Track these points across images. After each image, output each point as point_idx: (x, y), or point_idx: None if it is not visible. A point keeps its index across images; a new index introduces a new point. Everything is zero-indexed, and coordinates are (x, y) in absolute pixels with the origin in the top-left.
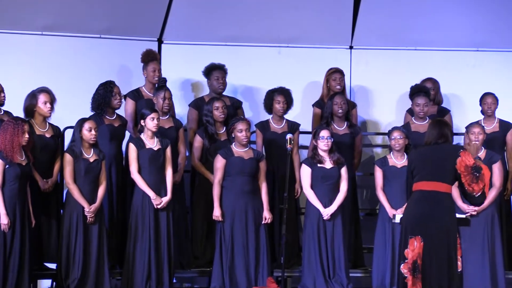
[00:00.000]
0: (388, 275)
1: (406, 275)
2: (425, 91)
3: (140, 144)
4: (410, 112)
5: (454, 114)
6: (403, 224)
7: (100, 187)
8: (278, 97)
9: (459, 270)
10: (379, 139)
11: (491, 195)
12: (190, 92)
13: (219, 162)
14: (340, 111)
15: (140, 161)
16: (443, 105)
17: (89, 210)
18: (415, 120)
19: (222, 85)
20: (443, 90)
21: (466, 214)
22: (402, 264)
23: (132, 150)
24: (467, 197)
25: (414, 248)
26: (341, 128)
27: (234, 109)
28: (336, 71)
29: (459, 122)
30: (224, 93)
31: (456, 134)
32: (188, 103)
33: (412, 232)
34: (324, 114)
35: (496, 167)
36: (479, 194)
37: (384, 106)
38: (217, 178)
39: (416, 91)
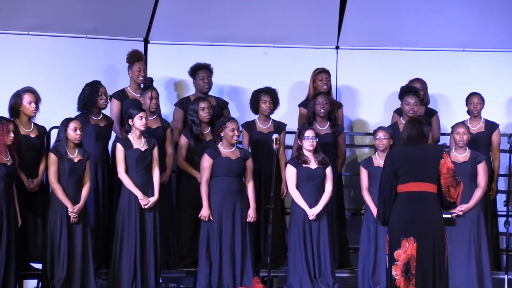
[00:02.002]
0: (373, 274)
1: (396, 277)
2: (415, 91)
3: (127, 144)
4: (398, 112)
5: (440, 114)
6: (393, 225)
7: (84, 187)
8: (264, 97)
9: (446, 270)
10: (367, 140)
11: (477, 195)
12: (175, 92)
13: (206, 162)
14: (322, 111)
15: (128, 161)
16: (430, 105)
17: (72, 210)
18: (403, 120)
19: (208, 84)
20: (429, 90)
21: (452, 214)
22: (393, 266)
23: (120, 150)
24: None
25: (406, 249)
26: (323, 128)
27: (220, 109)
28: (323, 71)
29: (445, 122)
30: (210, 93)
31: (443, 134)
32: (174, 103)
33: (404, 234)
34: (307, 114)
35: (481, 167)
36: (452, 200)
37: (371, 106)
38: (204, 177)
39: (407, 90)
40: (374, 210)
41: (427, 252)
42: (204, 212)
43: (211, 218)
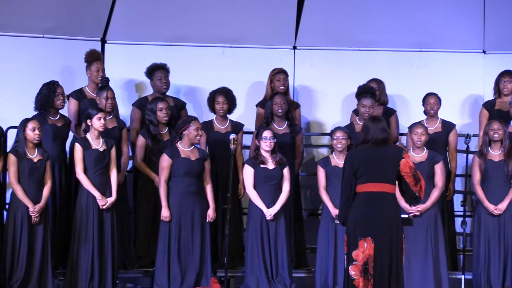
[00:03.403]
0: (331, 275)
1: (354, 277)
2: (372, 92)
3: (85, 145)
4: (356, 112)
5: (398, 114)
6: (351, 225)
7: (45, 187)
8: (218, 98)
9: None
10: (324, 140)
11: (434, 195)
12: (134, 92)
13: (166, 162)
14: (280, 110)
15: (86, 161)
16: (388, 105)
17: (33, 210)
18: (359, 120)
19: (166, 84)
20: (386, 91)
21: (410, 214)
22: (351, 266)
23: (78, 151)
24: (407, 196)
25: (364, 249)
26: (281, 128)
27: (178, 110)
28: (280, 72)
29: (403, 122)
30: (167, 94)
31: (401, 134)
32: (132, 103)
33: (362, 234)
34: (264, 114)
35: (438, 168)
36: (417, 194)
37: (328, 106)
38: (163, 178)
39: (363, 91)
40: (332, 209)
41: (384, 252)
42: (164, 213)
43: (170, 219)
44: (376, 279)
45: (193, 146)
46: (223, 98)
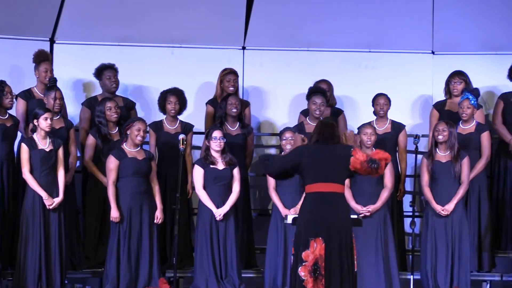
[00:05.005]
0: (280, 275)
1: (304, 278)
2: (323, 92)
3: (32, 145)
4: (304, 113)
5: (347, 115)
6: (300, 226)
7: None
8: (170, 98)
9: (355, 270)
10: (273, 140)
11: (384, 196)
12: (82, 92)
13: (112, 163)
14: (234, 110)
15: (32, 161)
16: (336, 106)
17: None
18: (309, 120)
19: (115, 83)
20: (336, 91)
21: (360, 215)
22: (300, 267)
23: (24, 151)
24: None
25: (314, 250)
26: (233, 128)
27: (127, 109)
28: (230, 73)
29: (352, 123)
30: (117, 93)
31: None
32: (81, 103)
33: (312, 234)
34: (217, 114)
35: (388, 169)
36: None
37: (278, 106)
38: (111, 179)
39: (314, 91)
40: (281, 209)
41: (335, 252)
42: (114, 214)
43: (120, 220)
44: (327, 279)
45: (138, 147)
46: (176, 98)
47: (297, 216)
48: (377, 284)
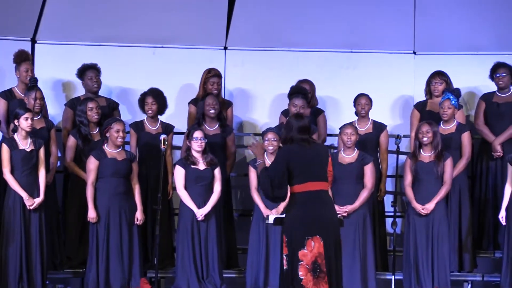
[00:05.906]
0: (262, 275)
1: (302, 277)
2: (304, 93)
3: (13, 145)
4: (285, 113)
5: (328, 115)
6: (295, 225)
7: None
8: (147, 99)
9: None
10: (255, 140)
11: (363, 196)
12: (63, 93)
13: (92, 164)
14: (211, 111)
15: (13, 161)
16: (317, 106)
17: None
18: None
19: (97, 83)
20: (317, 92)
21: (338, 215)
22: (299, 267)
23: (5, 151)
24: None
25: (312, 248)
26: (212, 128)
27: (110, 110)
28: (214, 76)
29: (333, 123)
30: (100, 94)
31: (330, 135)
32: (62, 103)
33: (309, 233)
34: (196, 115)
35: (368, 169)
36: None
37: (260, 107)
38: (90, 179)
39: (295, 91)
40: (263, 210)
41: (331, 249)
42: (91, 214)
43: (97, 220)
44: (330, 275)
45: (120, 148)
46: (152, 99)
47: (279, 216)
48: (353, 284)
